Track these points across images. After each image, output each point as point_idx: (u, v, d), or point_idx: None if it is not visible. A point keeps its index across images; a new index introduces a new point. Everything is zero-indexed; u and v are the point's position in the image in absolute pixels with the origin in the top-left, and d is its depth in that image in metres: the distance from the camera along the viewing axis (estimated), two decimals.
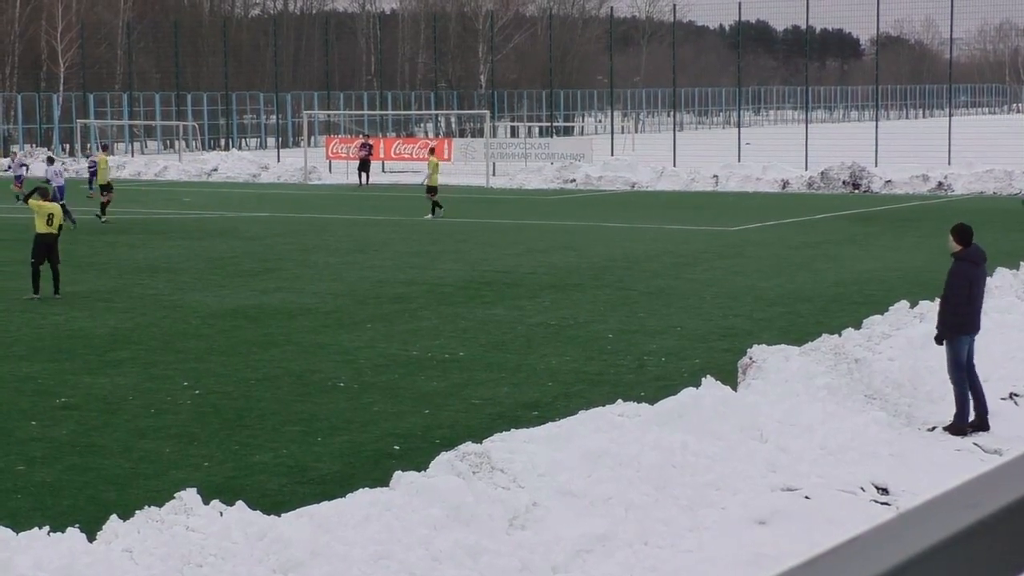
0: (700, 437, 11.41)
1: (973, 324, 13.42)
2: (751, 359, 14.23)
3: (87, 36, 77.98)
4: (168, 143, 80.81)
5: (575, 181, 51.09)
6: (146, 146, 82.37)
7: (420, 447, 12.53)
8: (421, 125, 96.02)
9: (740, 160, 53.29)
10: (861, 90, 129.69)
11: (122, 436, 13.19)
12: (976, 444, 12.99)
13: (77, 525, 9.02)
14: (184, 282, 24.36)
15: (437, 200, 37.99)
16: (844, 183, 48.06)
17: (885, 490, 11.28)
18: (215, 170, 57.85)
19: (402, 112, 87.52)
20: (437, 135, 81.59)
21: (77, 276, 24.64)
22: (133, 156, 71.79)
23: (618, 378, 15.88)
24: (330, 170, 58.90)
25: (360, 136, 59.73)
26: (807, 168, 51.74)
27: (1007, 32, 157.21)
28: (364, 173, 52.73)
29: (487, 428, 12.60)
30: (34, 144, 73.67)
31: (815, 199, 44.57)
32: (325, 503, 9.52)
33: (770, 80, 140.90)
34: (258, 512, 9.16)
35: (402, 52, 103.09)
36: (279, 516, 9.14)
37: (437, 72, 79.23)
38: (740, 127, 61.44)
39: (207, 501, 9.16)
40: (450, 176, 50.83)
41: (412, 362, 16.86)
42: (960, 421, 13.30)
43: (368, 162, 53.23)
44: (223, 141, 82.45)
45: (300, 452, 12.56)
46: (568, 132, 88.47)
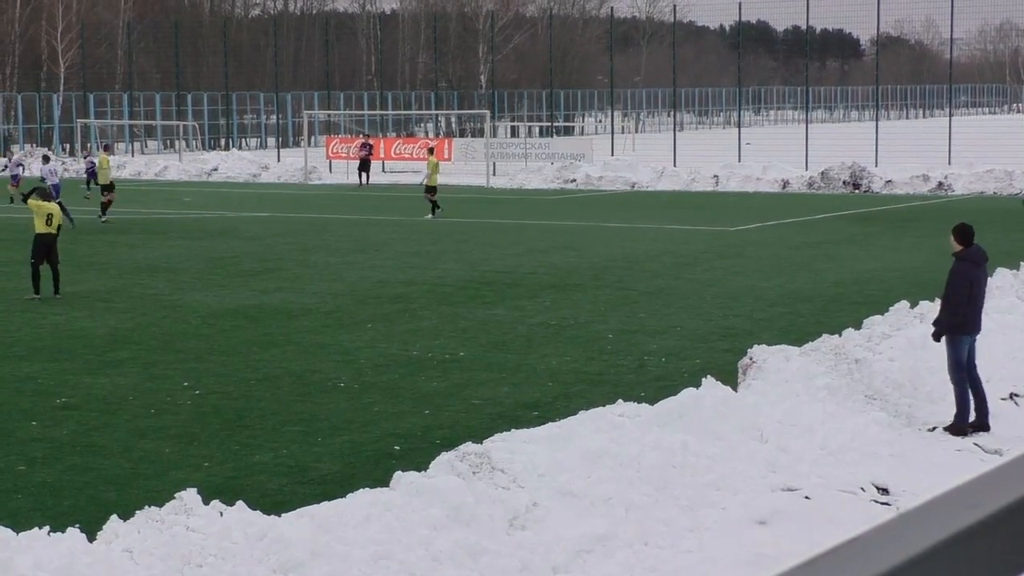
0: (700, 437, 11.40)
1: (974, 324, 13.41)
2: (751, 359, 14.23)
3: (87, 36, 78.00)
4: (168, 143, 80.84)
5: (575, 181, 51.10)
6: (146, 146, 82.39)
7: (420, 447, 12.53)
8: (421, 125, 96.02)
9: (740, 160, 53.29)
10: (861, 90, 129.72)
11: (122, 436, 13.19)
12: (976, 444, 12.99)
13: (77, 525, 9.02)
14: (184, 282, 24.37)
15: (436, 201, 37.97)
16: (844, 183, 48.06)
17: (885, 490, 11.28)
18: (215, 170, 57.86)
19: (402, 112, 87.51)
20: (437, 135, 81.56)
21: (77, 276, 24.64)
22: (133, 156, 71.80)
23: (618, 378, 15.88)
24: (330, 170, 58.91)
25: (360, 136, 59.72)
26: (807, 168, 51.72)
27: (1007, 32, 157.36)
28: (364, 173, 52.73)
29: (487, 428, 12.60)
30: (34, 144, 73.66)
31: (815, 199, 44.57)
32: (325, 503, 9.52)
33: (770, 80, 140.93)
34: (258, 512, 9.16)
35: (402, 52, 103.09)
36: (279, 516, 9.14)
37: (437, 72, 79.24)
38: (740, 127, 61.44)
39: (207, 501, 9.16)
40: (450, 176, 50.85)
41: (412, 362, 16.86)
42: (960, 421, 13.30)
43: (368, 162, 53.24)
44: (223, 141, 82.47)
45: (300, 452, 12.56)
46: (568, 132, 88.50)
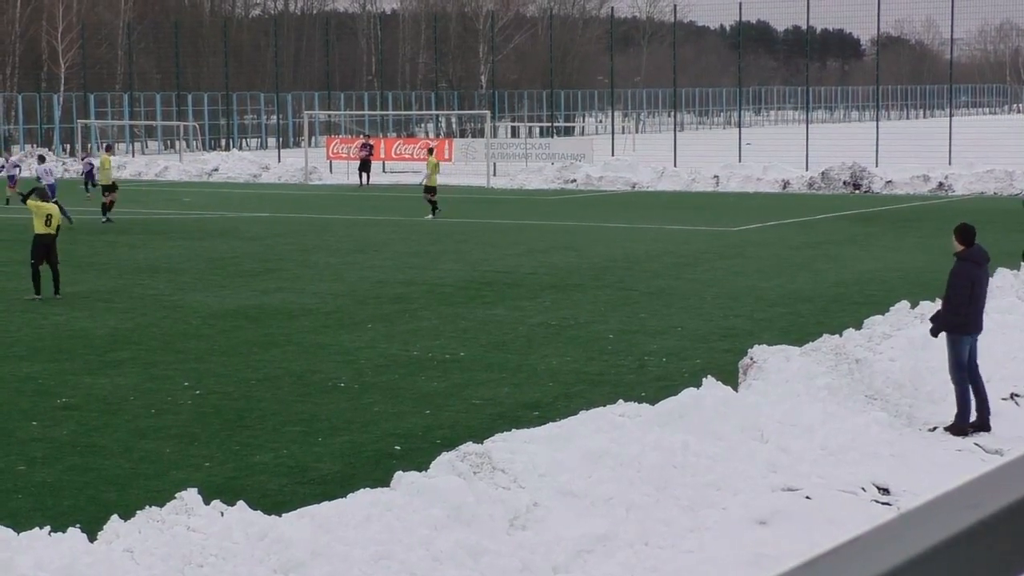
0: (701, 437, 11.40)
1: (975, 324, 13.41)
2: (752, 359, 14.23)
3: (88, 36, 78.00)
4: (169, 143, 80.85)
5: (576, 181, 51.09)
6: (147, 146, 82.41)
7: (421, 447, 12.53)
8: (422, 125, 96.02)
9: (741, 160, 53.29)
10: (862, 90, 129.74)
11: (123, 436, 13.19)
12: (977, 444, 12.99)
13: (78, 525, 9.02)
14: (184, 282, 24.37)
15: (435, 201, 37.94)
16: (845, 183, 48.06)
17: (886, 490, 11.28)
18: (216, 170, 57.87)
19: (403, 112, 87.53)
20: (438, 135, 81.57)
21: (77, 276, 24.65)
22: (134, 156, 71.82)
23: (619, 378, 15.88)
24: (331, 170, 58.92)
25: (361, 136, 59.74)
26: (808, 168, 51.72)
27: (1007, 32, 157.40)
28: (365, 173, 52.75)
29: (488, 428, 12.60)
30: (35, 145, 73.68)
31: (816, 199, 44.56)
32: (326, 503, 9.52)
33: (771, 80, 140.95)
34: (259, 512, 9.16)
35: (403, 52, 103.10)
36: (280, 516, 9.14)
37: (438, 72, 79.23)
38: (741, 127, 61.45)
39: (208, 501, 9.16)
40: (451, 176, 50.86)
41: (413, 362, 16.86)
42: (961, 421, 13.30)
43: (369, 162, 53.25)
44: (224, 141, 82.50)
45: (301, 452, 12.56)
46: (569, 132, 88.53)
